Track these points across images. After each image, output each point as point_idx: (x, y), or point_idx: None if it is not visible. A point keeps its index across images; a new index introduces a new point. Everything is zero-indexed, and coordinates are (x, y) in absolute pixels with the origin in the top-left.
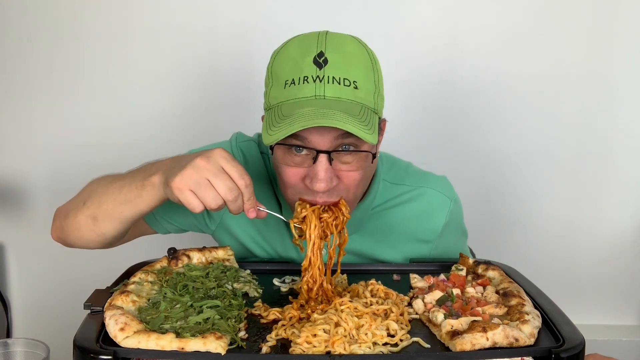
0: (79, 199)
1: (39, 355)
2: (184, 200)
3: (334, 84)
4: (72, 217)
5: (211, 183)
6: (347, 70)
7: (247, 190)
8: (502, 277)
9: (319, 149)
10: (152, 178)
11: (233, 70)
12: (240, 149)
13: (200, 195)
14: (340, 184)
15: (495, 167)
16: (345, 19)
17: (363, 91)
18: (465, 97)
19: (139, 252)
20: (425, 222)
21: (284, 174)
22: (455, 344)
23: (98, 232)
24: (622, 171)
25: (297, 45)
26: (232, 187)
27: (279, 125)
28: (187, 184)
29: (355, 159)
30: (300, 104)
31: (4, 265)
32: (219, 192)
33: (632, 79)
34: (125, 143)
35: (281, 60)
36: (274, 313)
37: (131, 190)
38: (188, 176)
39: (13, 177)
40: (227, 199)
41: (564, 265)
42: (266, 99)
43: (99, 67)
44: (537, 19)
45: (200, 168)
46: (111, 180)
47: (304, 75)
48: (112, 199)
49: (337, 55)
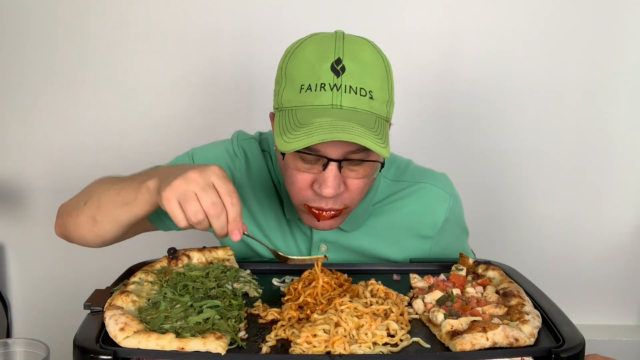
0: (81, 198)
1: (39, 355)
2: (169, 211)
3: (351, 94)
4: (73, 216)
5: (197, 196)
6: (363, 80)
7: (232, 209)
8: (502, 277)
9: (330, 157)
10: (148, 182)
11: (233, 71)
12: (241, 147)
13: (184, 207)
14: (345, 191)
15: (495, 167)
16: (346, 19)
17: (378, 101)
18: (465, 97)
19: (139, 252)
20: (425, 218)
21: (293, 177)
22: (455, 344)
23: (97, 233)
24: (622, 171)
25: (313, 48)
26: (217, 203)
27: (295, 134)
28: (175, 194)
29: (363, 167)
30: (317, 113)
31: (4, 265)
32: (202, 205)
33: (632, 79)
34: (126, 143)
35: (296, 61)
36: (272, 313)
37: (128, 193)
38: (177, 186)
39: (13, 177)
40: (209, 213)
41: (564, 265)
42: (277, 98)
43: (100, 68)
44: (537, 19)
45: (190, 180)
46: (113, 182)
47: (321, 82)
48: (111, 200)
49: (355, 64)
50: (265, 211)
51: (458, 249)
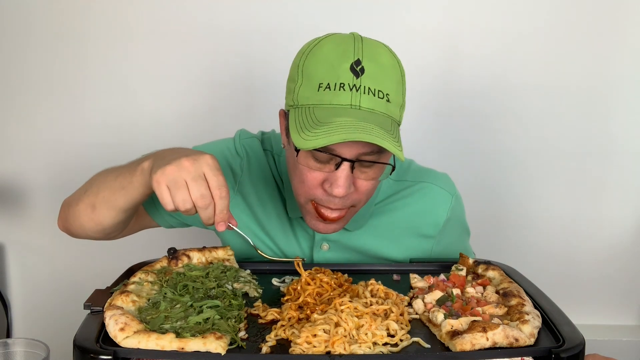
0: (82, 188)
1: (39, 355)
2: (157, 194)
3: (369, 95)
4: (73, 206)
5: (187, 185)
6: (381, 82)
7: (220, 202)
8: (502, 277)
9: (344, 157)
10: (144, 164)
11: (233, 71)
12: (244, 145)
13: (173, 193)
14: (354, 192)
15: (495, 167)
16: (346, 19)
17: (393, 105)
18: (465, 97)
19: (139, 252)
20: (427, 217)
21: (303, 175)
22: (455, 344)
23: (96, 221)
24: (622, 171)
25: (332, 48)
26: (206, 195)
27: (315, 132)
28: (166, 179)
29: (374, 170)
30: (337, 112)
31: (4, 265)
32: (191, 195)
33: (632, 79)
34: (126, 143)
35: (315, 60)
36: (272, 313)
37: (125, 177)
38: (169, 172)
39: (13, 177)
40: (197, 204)
41: (564, 265)
42: (292, 96)
43: (99, 67)
44: (538, 19)
45: (182, 168)
46: (113, 170)
47: (340, 81)
48: (108, 186)
49: (374, 66)
50: (268, 209)
51: (459, 249)
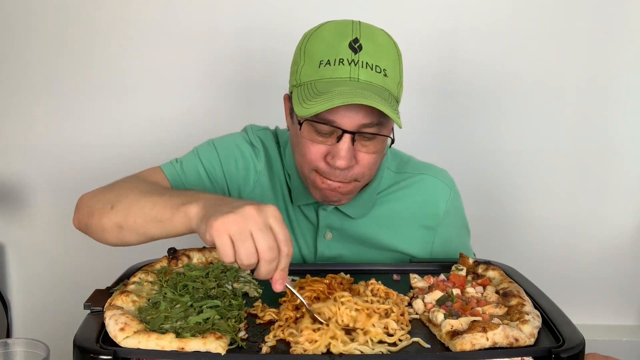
0: (107, 200)
1: (39, 355)
2: (218, 244)
3: (367, 69)
4: (97, 218)
5: (253, 236)
6: (378, 58)
7: (285, 259)
8: (502, 277)
9: (344, 129)
10: (190, 206)
11: (234, 71)
12: (258, 137)
13: (237, 245)
14: (356, 165)
15: (495, 167)
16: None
17: (390, 80)
18: (465, 97)
19: (139, 252)
20: (426, 208)
21: (306, 148)
22: (455, 344)
23: (122, 240)
24: (622, 171)
25: (332, 29)
26: (273, 247)
27: (315, 100)
28: (228, 229)
29: (374, 143)
30: (336, 83)
31: (4, 265)
32: (257, 247)
33: (632, 79)
34: (126, 143)
35: (316, 41)
36: (270, 314)
37: (165, 211)
38: (233, 221)
39: (13, 177)
40: (263, 257)
41: (564, 266)
42: (295, 77)
43: (100, 68)
44: (538, 19)
45: (248, 217)
46: (144, 190)
47: (339, 57)
48: (143, 212)
49: (371, 44)
50: (277, 198)
51: (460, 246)
